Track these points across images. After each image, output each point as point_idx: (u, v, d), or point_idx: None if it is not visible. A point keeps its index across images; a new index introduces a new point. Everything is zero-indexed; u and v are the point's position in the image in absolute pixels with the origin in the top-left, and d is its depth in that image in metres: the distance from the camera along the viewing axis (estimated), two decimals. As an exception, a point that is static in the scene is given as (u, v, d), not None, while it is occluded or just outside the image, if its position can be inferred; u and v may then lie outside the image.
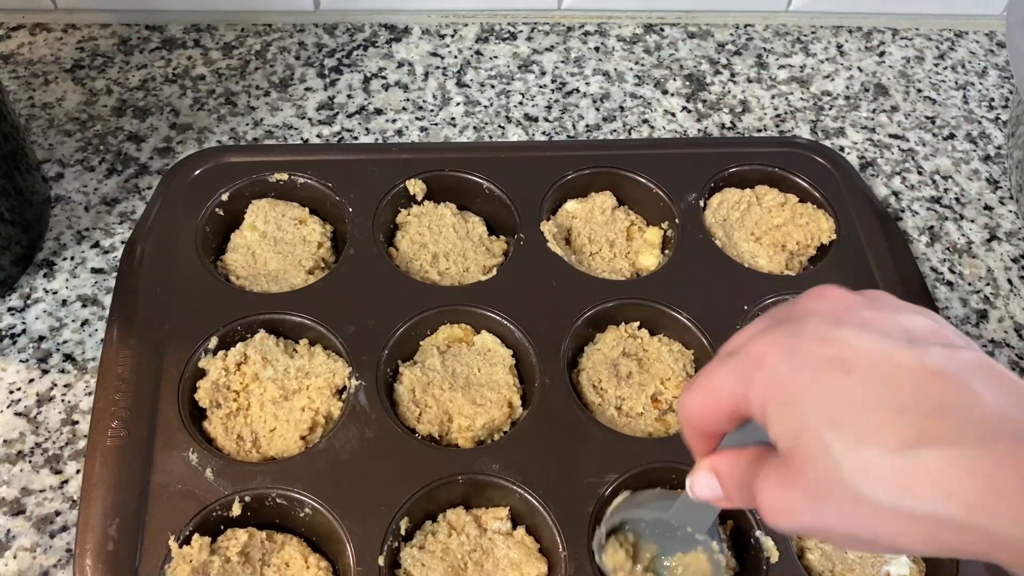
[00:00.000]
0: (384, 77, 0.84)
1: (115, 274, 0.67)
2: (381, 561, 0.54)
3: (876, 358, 0.37)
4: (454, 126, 0.81)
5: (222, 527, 0.56)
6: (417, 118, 0.81)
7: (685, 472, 0.59)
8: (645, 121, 0.83)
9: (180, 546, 0.54)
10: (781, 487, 0.39)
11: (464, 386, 0.63)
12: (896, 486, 0.35)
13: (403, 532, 0.56)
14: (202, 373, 0.62)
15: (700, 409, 0.43)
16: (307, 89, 0.82)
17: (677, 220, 0.72)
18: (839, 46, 0.92)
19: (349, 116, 0.80)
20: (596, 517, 0.57)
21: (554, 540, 0.56)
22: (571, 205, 0.73)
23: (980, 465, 0.34)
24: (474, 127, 0.81)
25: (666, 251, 0.72)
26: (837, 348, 0.38)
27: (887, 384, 0.36)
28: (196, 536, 0.54)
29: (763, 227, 0.73)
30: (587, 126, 0.82)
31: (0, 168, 0.64)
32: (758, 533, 0.57)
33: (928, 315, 0.39)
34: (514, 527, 0.58)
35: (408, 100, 0.82)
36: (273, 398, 0.61)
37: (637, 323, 0.67)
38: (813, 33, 0.92)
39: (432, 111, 0.81)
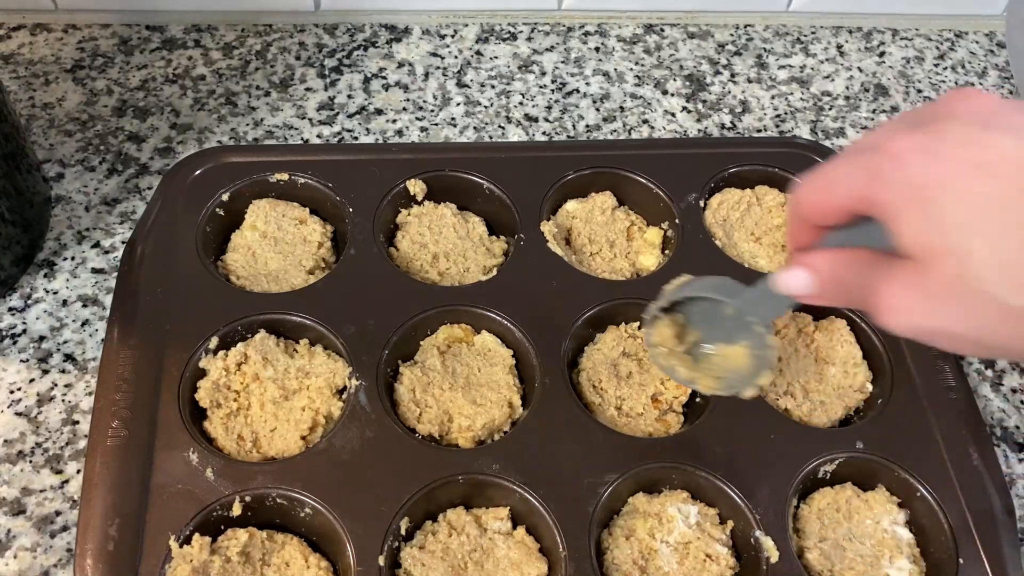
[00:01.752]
0: (384, 77, 0.84)
1: (115, 274, 0.67)
2: (381, 561, 0.54)
3: (1020, 161, 0.36)
4: (454, 126, 0.81)
5: (222, 527, 0.56)
6: (417, 118, 0.81)
7: (686, 472, 0.60)
8: (645, 121, 0.83)
9: (180, 546, 0.54)
10: (905, 286, 0.40)
11: (464, 386, 0.63)
12: None
13: (403, 532, 0.56)
14: (202, 373, 0.62)
15: (817, 196, 0.44)
16: (307, 89, 0.82)
17: (677, 220, 0.72)
18: (839, 46, 0.92)
19: (349, 116, 0.80)
20: (596, 517, 0.57)
21: (554, 540, 0.56)
22: (571, 205, 0.73)
23: None
24: (474, 127, 0.81)
25: (666, 251, 0.72)
26: (983, 152, 0.37)
27: None
28: (196, 536, 0.54)
29: (763, 227, 0.73)
30: (587, 126, 0.82)
31: (0, 168, 0.64)
32: (758, 533, 0.57)
33: None
34: (514, 527, 0.58)
35: (408, 100, 0.82)
36: (273, 398, 0.61)
37: (637, 323, 0.67)
38: (813, 33, 0.92)
39: (432, 111, 0.82)
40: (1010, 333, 0.37)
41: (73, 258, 0.70)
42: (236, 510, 0.56)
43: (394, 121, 0.80)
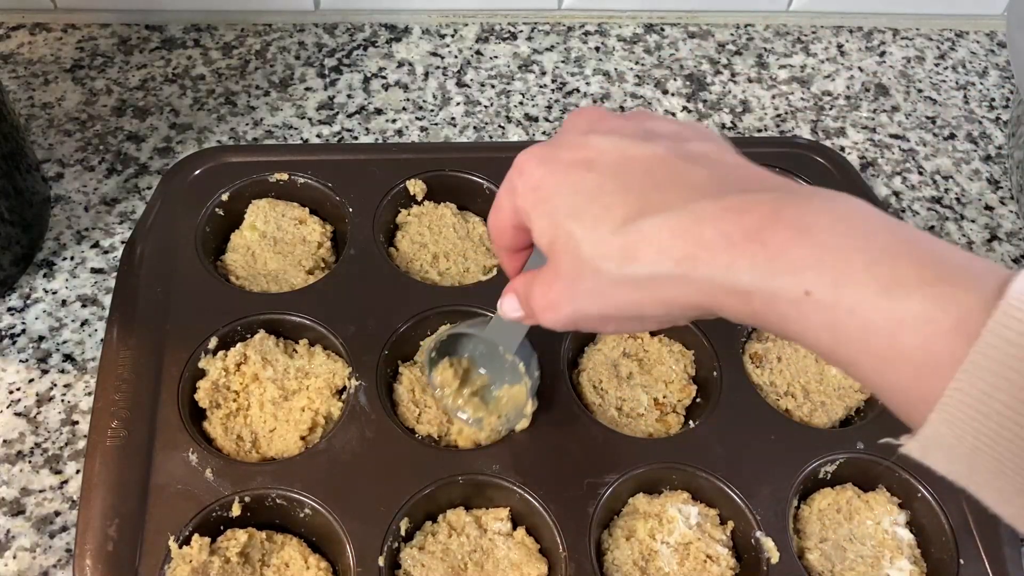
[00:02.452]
0: (384, 77, 0.84)
1: (115, 274, 0.67)
2: (381, 562, 0.54)
3: (614, 155, 0.42)
4: (454, 126, 0.80)
5: (222, 527, 0.56)
6: (417, 118, 0.81)
7: (687, 473, 0.60)
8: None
9: (180, 546, 0.53)
10: (545, 285, 0.45)
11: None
12: (623, 256, 0.40)
13: (403, 532, 0.56)
14: (202, 373, 0.61)
15: (493, 225, 0.49)
16: (307, 89, 0.82)
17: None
18: (840, 46, 0.92)
19: (349, 116, 0.80)
20: (596, 518, 0.57)
21: (554, 540, 0.56)
22: (571, 205, 0.73)
23: (682, 223, 0.39)
24: (474, 127, 0.81)
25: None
26: (584, 152, 0.43)
27: (620, 174, 0.41)
28: (196, 536, 0.54)
29: (763, 227, 0.73)
30: (587, 126, 0.82)
31: (0, 168, 0.64)
32: (758, 534, 0.57)
33: (678, 123, 0.45)
34: (514, 528, 0.58)
35: (408, 100, 0.82)
36: (273, 398, 0.61)
37: (638, 323, 0.67)
38: (814, 33, 0.92)
39: (432, 111, 0.81)
40: (633, 299, 0.41)
41: (72, 258, 0.69)
42: (235, 511, 0.56)
43: (394, 121, 0.80)
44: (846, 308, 0.34)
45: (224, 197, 0.70)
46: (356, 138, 0.79)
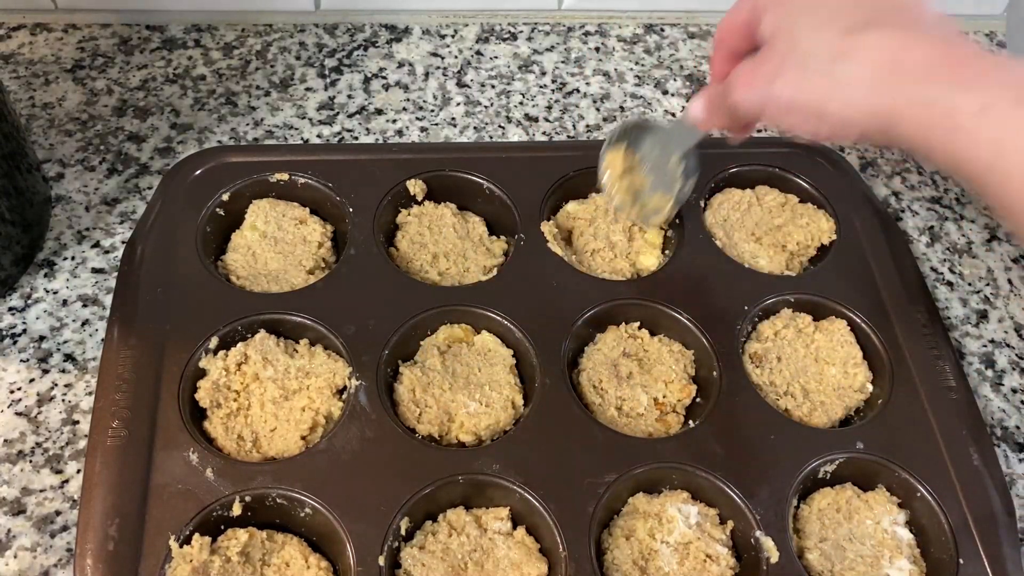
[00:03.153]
0: (384, 77, 0.84)
1: (115, 274, 0.67)
2: (381, 561, 0.54)
3: None
4: (454, 126, 0.81)
5: (222, 527, 0.56)
6: (417, 118, 0.81)
7: (686, 473, 0.60)
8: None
9: (180, 546, 0.54)
10: (753, 64, 0.52)
11: (464, 386, 0.63)
12: (836, 53, 0.47)
13: (403, 532, 0.56)
14: (202, 373, 0.62)
15: (724, 24, 0.56)
16: (307, 89, 0.82)
17: (678, 220, 0.72)
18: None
19: (349, 116, 0.80)
20: (596, 517, 0.57)
21: (554, 540, 0.56)
22: (572, 206, 0.73)
23: (896, 39, 0.47)
24: (474, 127, 0.81)
25: (666, 251, 0.72)
26: None
27: None
28: (196, 536, 0.54)
29: (764, 227, 0.73)
30: (587, 126, 0.82)
31: (1, 168, 0.64)
32: (758, 534, 0.57)
33: None
34: (514, 527, 0.58)
35: (408, 100, 0.82)
36: (273, 398, 0.61)
37: (637, 323, 0.67)
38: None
39: (432, 111, 0.81)
40: (824, 94, 0.48)
41: (73, 258, 0.70)
42: (236, 510, 0.56)
43: (394, 121, 0.80)
44: (1018, 124, 0.42)
45: (225, 197, 0.70)
46: (356, 138, 0.79)
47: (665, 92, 0.85)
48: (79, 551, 0.53)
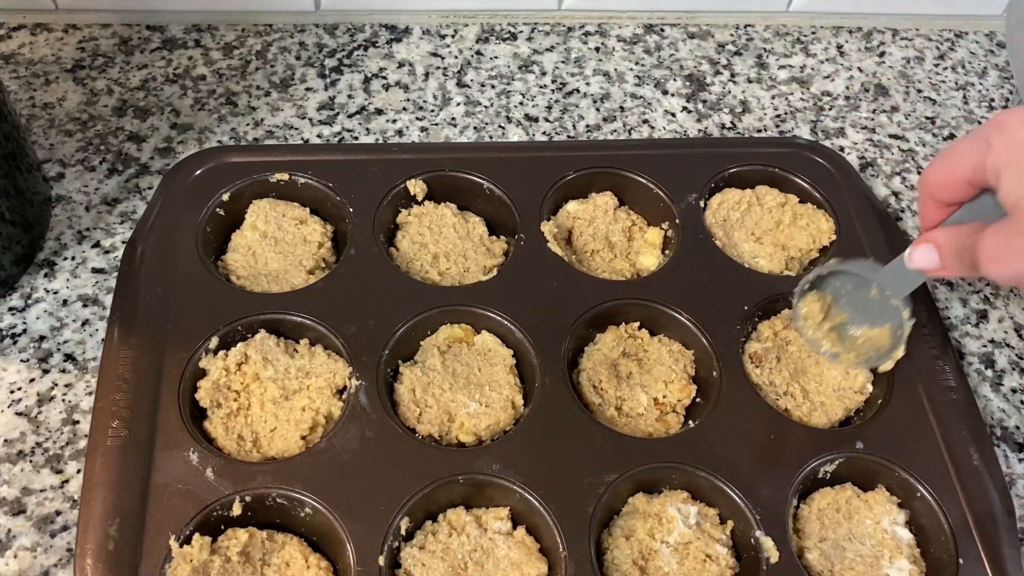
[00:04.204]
0: (384, 77, 0.84)
1: (116, 274, 0.67)
2: (381, 561, 0.54)
3: None
4: (455, 126, 0.81)
5: (222, 527, 0.56)
6: (418, 118, 0.81)
7: (686, 472, 0.60)
8: (645, 121, 0.83)
9: (180, 546, 0.54)
10: (1002, 237, 0.47)
11: (464, 386, 0.63)
12: None
13: (403, 532, 0.56)
14: (203, 373, 0.62)
15: (939, 174, 0.52)
16: (308, 89, 0.82)
17: (677, 220, 0.72)
18: (839, 46, 0.92)
19: (350, 116, 0.80)
20: (596, 517, 0.57)
21: (554, 540, 0.56)
22: (572, 206, 0.73)
23: None
24: (474, 127, 0.81)
25: (666, 251, 0.72)
26: None
27: None
28: (196, 536, 0.54)
29: (763, 227, 0.73)
30: (587, 126, 0.82)
31: (1, 168, 0.64)
32: (758, 533, 0.57)
33: None
34: (514, 527, 0.58)
35: (408, 100, 0.82)
36: (274, 398, 0.61)
37: (637, 323, 0.67)
38: (813, 33, 0.92)
39: (432, 111, 0.82)
40: None
41: (73, 258, 0.70)
42: (236, 510, 0.56)
43: (394, 121, 0.80)
44: None
45: (225, 197, 0.70)
46: (356, 138, 0.79)
47: (665, 92, 0.85)
48: (79, 551, 0.53)
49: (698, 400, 0.65)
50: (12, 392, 0.63)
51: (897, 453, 0.61)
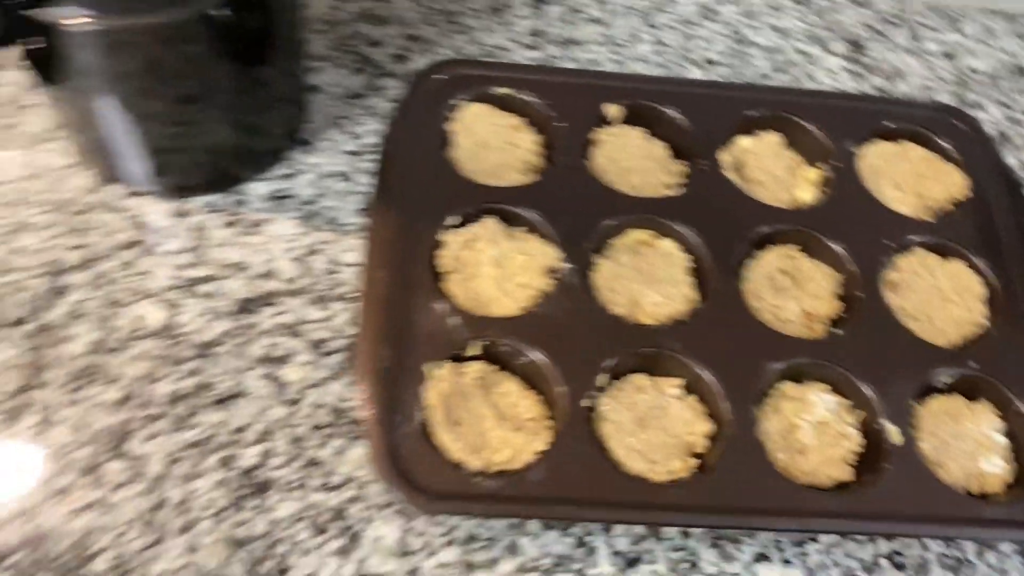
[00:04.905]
0: (585, 11, 0.96)
1: (365, 156, 0.81)
2: (583, 404, 0.68)
3: None
4: (644, 62, 0.93)
5: (463, 360, 0.71)
6: (612, 52, 0.93)
7: (829, 369, 0.73)
8: (809, 76, 0.94)
9: (433, 371, 0.69)
10: None
11: (648, 280, 0.76)
12: None
13: (599, 386, 0.70)
14: (442, 245, 0.76)
15: None
16: (517, 16, 0.95)
17: (834, 163, 0.84)
18: (988, 29, 1.01)
19: (554, 44, 0.93)
20: (754, 394, 0.71)
21: (719, 407, 0.70)
22: (744, 141, 0.86)
23: None
24: (660, 65, 0.93)
25: (824, 189, 0.84)
26: None
27: None
28: (445, 364, 0.69)
29: (906, 177, 0.85)
30: (759, 75, 0.94)
31: (287, 53, 0.78)
32: (883, 420, 0.70)
33: None
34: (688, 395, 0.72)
35: (605, 36, 0.95)
36: (496, 271, 0.75)
37: (795, 246, 0.80)
38: (965, 15, 1.02)
39: (625, 47, 0.94)
40: None
41: (328, 140, 0.84)
42: (473, 350, 0.71)
43: (592, 53, 0.93)
44: None
45: (457, 102, 0.83)
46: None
47: (826, 51, 0.97)
48: (358, 364, 0.68)
49: (843, 316, 0.78)
50: (287, 242, 0.78)
51: (1002, 374, 0.74)
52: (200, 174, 0.79)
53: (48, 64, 0.69)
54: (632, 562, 0.67)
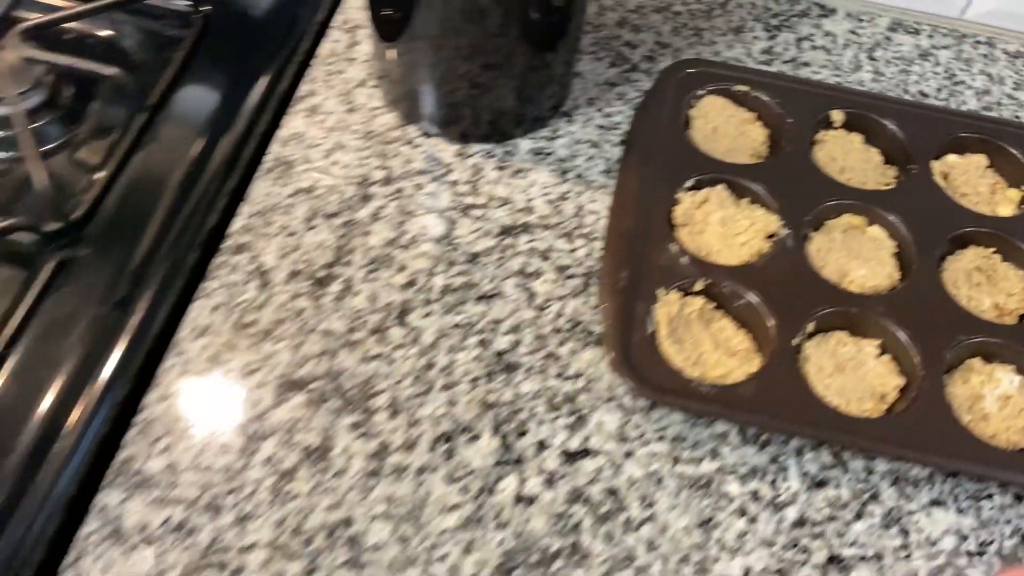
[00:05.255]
0: (812, 40, 1.09)
1: (613, 130, 0.96)
2: (793, 343, 0.79)
3: None
4: (862, 86, 1.04)
5: (688, 294, 0.83)
6: (834, 75, 1.05)
7: (1016, 351, 0.80)
8: (1017, 117, 1.03)
9: (663, 295, 0.81)
10: None
11: (856, 257, 0.86)
12: None
13: (806, 333, 0.81)
14: (677, 202, 0.89)
15: None
16: (754, 37, 1.09)
17: (1032, 182, 0.92)
18: None
19: (783, 63, 1.06)
20: (945, 361, 0.79)
21: (912, 366, 0.79)
22: (952, 158, 0.95)
23: None
24: (880, 90, 1.04)
25: (1022, 207, 0.93)
26: None
27: None
28: (674, 291, 0.81)
29: (1105, 209, 0.92)
30: (968, 110, 1.03)
31: (568, 44, 0.94)
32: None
33: None
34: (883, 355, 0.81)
35: (829, 61, 1.07)
36: (723, 231, 0.87)
37: (992, 249, 0.88)
38: None
39: (846, 72, 1.06)
40: None
41: (585, 116, 0.99)
42: (697, 287, 0.82)
43: (817, 74, 1.05)
44: None
45: (700, 92, 0.97)
46: (785, 80, 1.04)
47: (1036, 98, 1.06)
48: (602, 281, 0.81)
49: (1034, 310, 0.85)
50: (544, 188, 0.93)
51: None
52: (482, 127, 0.95)
53: (389, 27, 0.87)
54: (819, 484, 0.76)
